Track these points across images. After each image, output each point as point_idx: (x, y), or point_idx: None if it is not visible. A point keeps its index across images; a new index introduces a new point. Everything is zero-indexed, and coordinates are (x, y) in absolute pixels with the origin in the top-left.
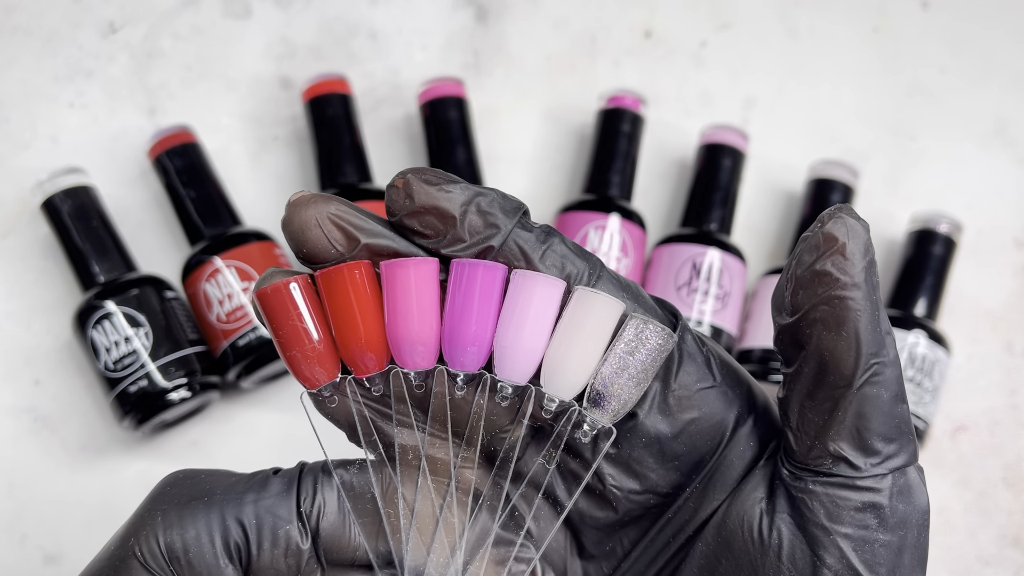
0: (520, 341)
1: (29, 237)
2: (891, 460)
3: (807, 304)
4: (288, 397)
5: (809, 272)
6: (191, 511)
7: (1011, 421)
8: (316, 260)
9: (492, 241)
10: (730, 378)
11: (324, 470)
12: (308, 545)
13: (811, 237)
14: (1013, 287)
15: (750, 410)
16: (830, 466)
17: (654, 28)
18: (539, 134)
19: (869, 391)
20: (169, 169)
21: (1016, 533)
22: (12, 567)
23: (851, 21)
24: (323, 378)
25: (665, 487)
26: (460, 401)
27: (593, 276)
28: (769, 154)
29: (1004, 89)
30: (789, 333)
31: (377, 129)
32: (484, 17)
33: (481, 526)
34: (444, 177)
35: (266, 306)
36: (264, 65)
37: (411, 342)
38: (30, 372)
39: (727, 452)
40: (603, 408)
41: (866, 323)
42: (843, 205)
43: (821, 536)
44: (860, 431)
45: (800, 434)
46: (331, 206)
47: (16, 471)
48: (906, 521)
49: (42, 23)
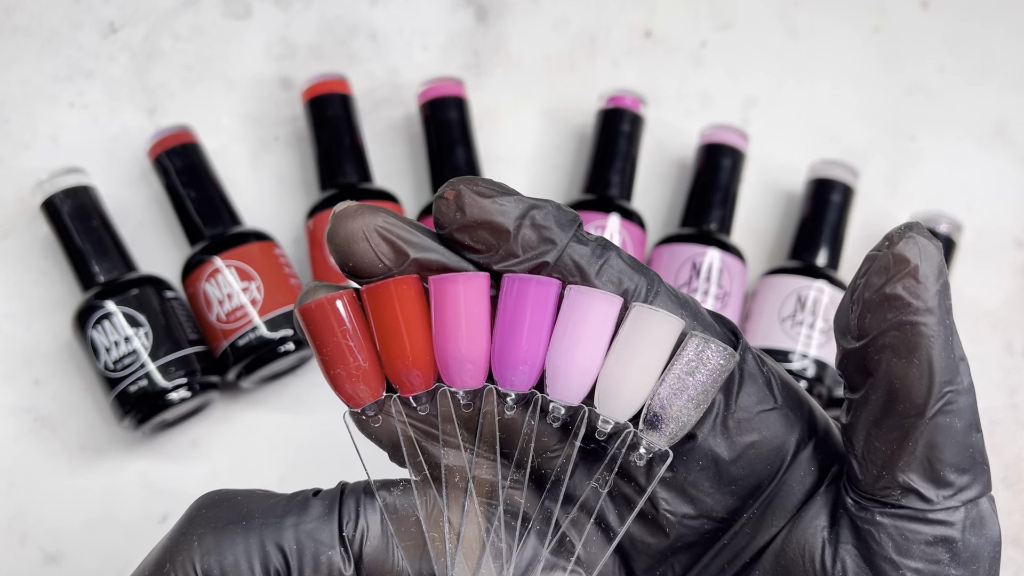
0: (574, 360)
1: (29, 237)
2: (964, 492)
3: (876, 329)
4: (288, 397)
5: (878, 295)
6: (229, 536)
7: (1010, 421)
8: (363, 274)
9: (547, 257)
10: (791, 400)
11: (367, 491)
12: (351, 571)
13: (880, 258)
14: (1013, 287)
15: (811, 434)
16: (898, 498)
17: (654, 28)
18: (539, 134)
19: (942, 421)
20: (169, 169)
21: (1016, 533)
22: (12, 567)
23: (851, 21)
24: (367, 397)
25: (721, 512)
26: (509, 421)
27: (651, 292)
28: (769, 154)
29: (1004, 89)
30: (855, 358)
31: (377, 129)
32: (484, 17)
33: (530, 551)
34: (497, 188)
35: (310, 322)
36: (264, 65)
37: (459, 360)
38: (30, 372)
39: (787, 477)
40: (660, 430)
41: (939, 350)
42: (913, 223)
43: (889, 570)
44: (932, 462)
45: (866, 463)
46: (379, 218)
47: (16, 471)
48: (978, 555)
49: (42, 23)
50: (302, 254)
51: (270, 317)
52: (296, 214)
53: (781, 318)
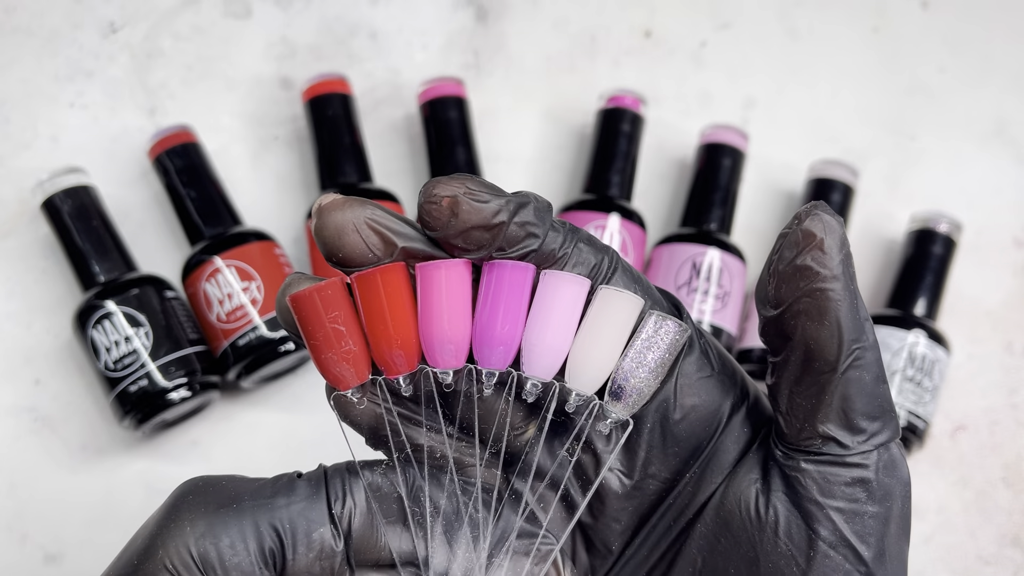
0: (547, 339)
1: (29, 237)
2: (876, 437)
3: (790, 297)
4: (288, 397)
5: (791, 267)
6: (221, 519)
7: (1010, 420)
8: (351, 264)
9: (531, 247)
10: (726, 369)
11: (350, 470)
12: (341, 547)
13: (790, 234)
14: (1013, 287)
15: (743, 399)
16: (820, 446)
17: (654, 28)
18: (539, 134)
19: (853, 374)
20: (169, 169)
21: (1016, 532)
22: (12, 567)
23: (851, 21)
24: (354, 380)
25: (665, 472)
26: (485, 401)
27: (610, 269)
28: (769, 154)
29: (1004, 89)
30: (774, 325)
31: (377, 129)
32: (484, 17)
33: (502, 523)
34: (488, 190)
35: (300, 310)
36: (264, 65)
37: (442, 341)
38: (30, 372)
39: (723, 438)
40: (623, 401)
41: (846, 312)
42: (818, 203)
43: (815, 510)
44: (846, 412)
45: (790, 418)
46: (367, 210)
47: (16, 471)
48: (891, 493)
49: (43, 23)
50: (302, 254)
51: (270, 317)
52: (296, 214)
53: None
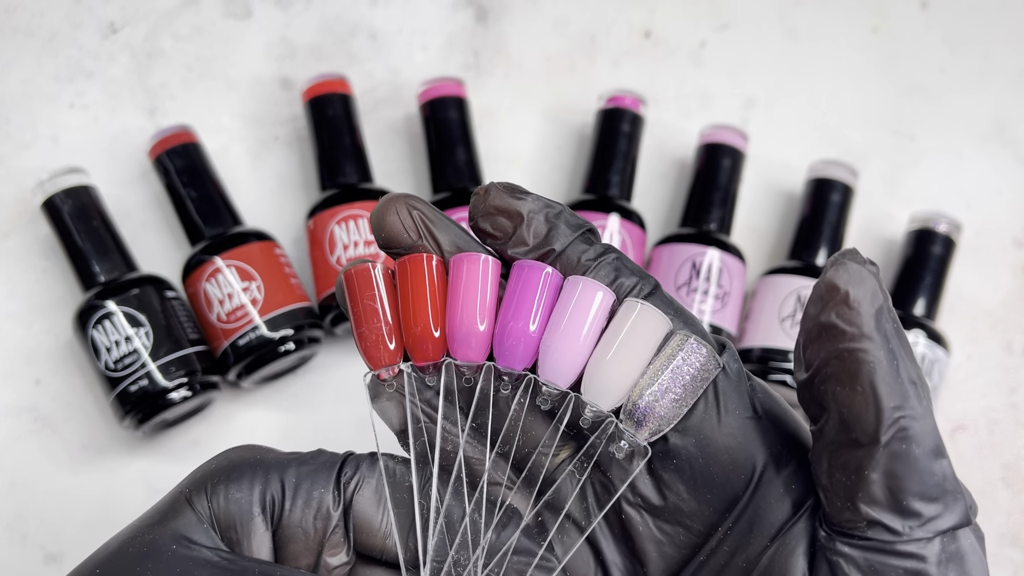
0: (565, 344)
1: (30, 237)
2: (935, 522)
3: (817, 359)
4: (288, 397)
5: (816, 325)
6: (239, 469)
7: (1010, 420)
8: (392, 245)
9: (553, 245)
10: (772, 415)
11: (372, 457)
12: (339, 512)
13: (815, 287)
14: (1012, 287)
15: (794, 454)
16: (864, 529)
17: (654, 28)
18: (539, 134)
19: (898, 448)
20: (170, 169)
21: (1015, 532)
22: (12, 567)
23: (851, 21)
24: (384, 359)
25: (696, 524)
26: (502, 404)
27: (644, 291)
28: (769, 154)
29: (1004, 89)
30: (807, 390)
31: (377, 129)
32: (484, 17)
33: (508, 534)
34: (521, 189)
35: (348, 284)
36: (264, 65)
37: (466, 333)
38: (31, 372)
39: (765, 494)
40: (641, 425)
41: (884, 375)
42: (848, 249)
43: None
44: (894, 492)
45: (831, 495)
46: (412, 200)
47: (17, 471)
48: None
49: (43, 23)
50: (302, 254)
51: (270, 317)
52: (296, 214)
53: (781, 318)
